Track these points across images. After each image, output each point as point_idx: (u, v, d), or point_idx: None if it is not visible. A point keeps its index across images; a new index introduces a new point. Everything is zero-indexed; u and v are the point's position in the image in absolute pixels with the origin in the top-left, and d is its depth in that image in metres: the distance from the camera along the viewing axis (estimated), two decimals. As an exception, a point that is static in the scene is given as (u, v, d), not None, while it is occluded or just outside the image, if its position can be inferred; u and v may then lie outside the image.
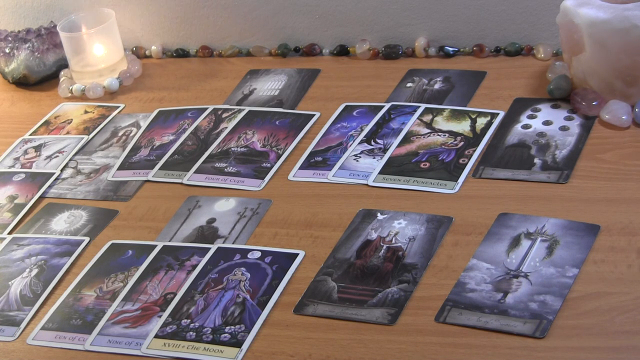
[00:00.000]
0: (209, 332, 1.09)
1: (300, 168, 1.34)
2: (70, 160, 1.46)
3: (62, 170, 1.44)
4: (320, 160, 1.35)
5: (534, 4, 1.50)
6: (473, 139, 1.33)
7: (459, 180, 1.25)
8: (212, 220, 1.27)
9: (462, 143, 1.32)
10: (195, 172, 1.37)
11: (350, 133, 1.39)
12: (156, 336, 1.10)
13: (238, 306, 1.12)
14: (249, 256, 1.19)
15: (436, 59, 1.55)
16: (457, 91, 1.45)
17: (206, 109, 1.52)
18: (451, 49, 1.55)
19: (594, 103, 1.33)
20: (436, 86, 1.47)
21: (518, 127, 1.34)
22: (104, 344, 1.11)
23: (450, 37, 1.56)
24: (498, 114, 1.37)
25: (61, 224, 1.32)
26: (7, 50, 1.68)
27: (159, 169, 1.39)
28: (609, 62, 1.31)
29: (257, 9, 1.64)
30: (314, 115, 1.45)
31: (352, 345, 1.05)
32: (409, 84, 1.49)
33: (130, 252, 1.24)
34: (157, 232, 1.27)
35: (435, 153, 1.31)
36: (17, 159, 1.49)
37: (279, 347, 1.06)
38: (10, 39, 1.69)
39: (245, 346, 1.07)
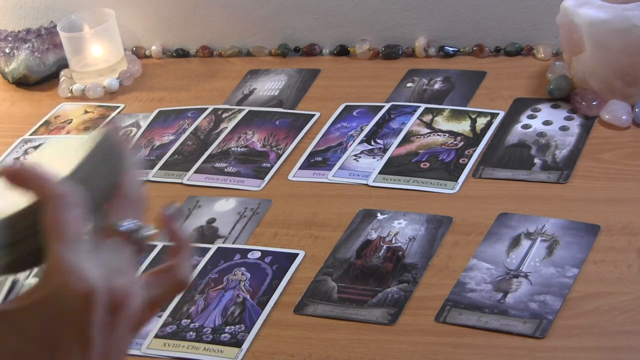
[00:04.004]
0: (209, 332, 1.09)
1: (300, 168, 1.34)
2: (70, 160, 1.46)
3: (62, 170, 1.43)
4: (320, 160, 1.35)
5: (534, 4, 1.50)
6: (473, 139, 1.33)
7: (459, 180, 1.25)
8: (212, 220, 1.27)
9: (462, 143, 1.32)
10: (195, 172, 1.37)
11: (350, 133, 1.39)
12: (156, 336, 1.10)
13: (238, 306, 1.12)
14: (249, 256, 1.19)
15: (436, 59, 1.55)
16: (457, 91, 1.45)
17: (206, 109, 1.51)
18: (451, 49, 1.55)
19: (594, 103, 1.33)
20: (436, 86, 1.47)
21: (518, 127, 1.34)
22: (104, 344, 1.10)
23: (450, 37, 1.56)
24: (498, 114, 1.37)
25: (61, 224, 1.32)
26: (7, 50, 1.68)
27: (159, 169, 1.39)
28: (609, 62, 1.31)
29: (257, 9, 1.64)
30: (314, 115, 1.45)
31: (352, 345, 1.05)
32: (409, 84, 1.49)
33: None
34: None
35: (435, 153, 1.31)
36: (17, 159, 1.49)
37: (279, 347, 1.06)
38: (10, 39, 1.69)
39: (245, 346, 1.07)
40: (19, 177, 0.66)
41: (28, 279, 1.22)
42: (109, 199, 0.70)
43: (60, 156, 0.71)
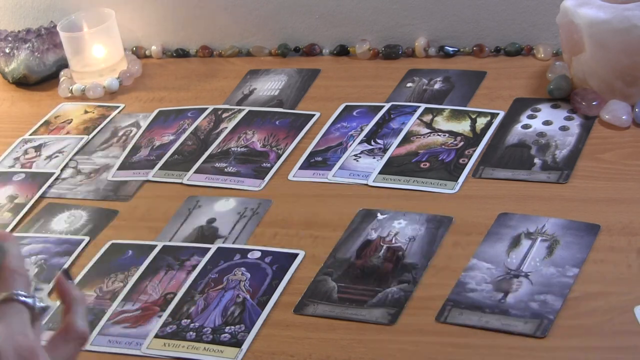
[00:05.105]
0: (209, 332, 1.09)
1: (300, 168, 1.34)
2: (70, 160, 1.46)
3: (62, 170, 1.44)
4: (320, 160, 1.35)
5: (534, 4, 1.50)
6: (473, 139, 1.33)
7: (459, 180, 1.25)
8: (212, 220, 1.27)
9: (462, 143, 1.32)
10: (195, 172, 1.37)
11: (350, 133, 1.39)
12: (156, 336, 1.10)
13: (238, 306, 1.12)
14: (249, 256, 1.19)
15: (436, 59, 1.55)
16: (457, 91, 1.45)
17: (206, 109, 1.51)
18: (451, 49, 1.55)
19: (594, 103, 1.33)
20: (436, 86, 1.47)
21: (518, 127, 1.34)
22: (104, 344, 1.11)
23: (450, 37, 1.56)
24: (498, 114, 1.37)
25: (61, 223, 1.32)
26: (7, 50, 1.68)
27: (159, 169, 1.39)
28: (609, 62, 1.31)
29: (257, 9, 1.64)
30: (314, 115, 1.45)
31: (352, 345, 1.05)
32: (409, 84, 1.49)
33: (130, 252, 1.24)
34: (157, 232, 1.27)
35: (435, 153, 1.31)
36: (17, 159, 1.49)
37: (279, 347, 1.06)
38: (10, 39, 1.69)
39: (245, 346, 1.07)
40: None
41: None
42: None
43: None
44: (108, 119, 1.55)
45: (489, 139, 1.32)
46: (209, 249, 1.21)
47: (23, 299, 0.75)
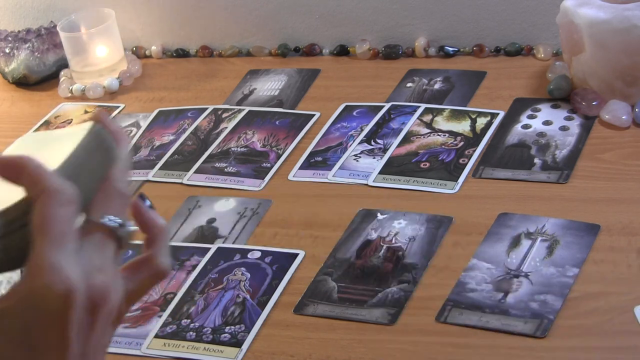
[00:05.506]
0: (209, 332, 1.09)
1: (300, 168, 1.34)
2: (70, 160, 1.46)
3: (62, 170, 1.43)
4: (320, 160, 1.35)
5: (534, 4, 1.50)
6: (473, 139, 1.33)
7: (459, 180, 1.25)
8: (212, 220, 1.27)
9: (462, 143, 1.32)
10: (195, 172, 1.37)
11: (350, 133, 1.39)
12: (156, 336, 1.10)
13: (238, 306, 1.12)
14: (249, 256, 1.19)
15: (436, 59, 1.55)
16: (457, 91, 1.45)
17: (206, 109, 1.51)
18: (451, 49, 1.55)
19: (594, 103, 1.33)
20: (436, 86, 1.47)
21: (518, 127, 1.34)
22: (104, 344, 1.10)
23: (450, 37, 1.56)
24: (498, 114, 1.37)
25: (61, 224, 1.32)
26: (7, 50, 1.68)
27: (159, 169, 1.39)
28: (609, 62, 1.31)
29: (257, 9, 1.64)
30: (314, 115, 1.45)
31: (352, 345, 1.05)
32: (409, 84, 1.49)
33: (130, 252, 1.24)
34: (157, 232, 1.27)
35: (435, 153, 1.31)
36: (17, 159, 1.48)
37: (279, 347, 1.06)
38: (10, 39, 1.69)
39: (245, 346, 1.07)
40: (11, 168, 0.63)
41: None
42: (96, 194, 0.67)
43: (44, 148, 0.68)
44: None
45: (489, 139, 1.32)
46: (209, 249, 1.21)
47: (112, 224, 0.66)
